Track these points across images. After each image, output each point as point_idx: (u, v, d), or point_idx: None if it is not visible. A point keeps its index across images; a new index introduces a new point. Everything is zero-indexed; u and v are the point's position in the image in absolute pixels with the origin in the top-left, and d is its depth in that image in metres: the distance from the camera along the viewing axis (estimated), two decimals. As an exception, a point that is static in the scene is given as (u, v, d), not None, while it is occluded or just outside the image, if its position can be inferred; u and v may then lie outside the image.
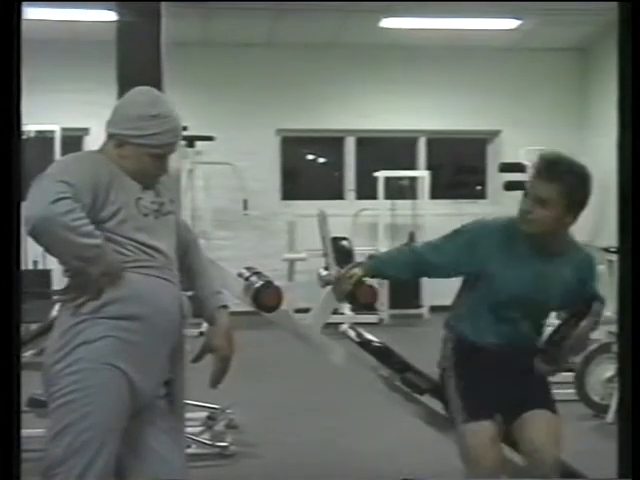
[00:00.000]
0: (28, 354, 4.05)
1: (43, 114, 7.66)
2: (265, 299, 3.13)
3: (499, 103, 9.33)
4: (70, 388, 2.28)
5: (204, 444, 4.19)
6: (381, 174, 8.95)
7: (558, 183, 2.64)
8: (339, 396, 5.15)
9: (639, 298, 2.27)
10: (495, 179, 9.40)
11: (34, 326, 4.76)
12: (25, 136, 7.17)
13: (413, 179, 9.37)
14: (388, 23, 8.34)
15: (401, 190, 9.35)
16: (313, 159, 10.52)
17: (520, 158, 8.44)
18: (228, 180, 8.84)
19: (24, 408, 3.31)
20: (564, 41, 9.16)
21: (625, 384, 2.30)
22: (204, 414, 4.41)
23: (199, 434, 4.26)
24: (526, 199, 2.72)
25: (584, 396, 4.93)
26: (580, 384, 4.92)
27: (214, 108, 8.75)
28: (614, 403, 4.53)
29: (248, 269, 3.25)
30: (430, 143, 9.72)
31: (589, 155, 9.04)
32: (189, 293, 2.61)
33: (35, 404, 3.76)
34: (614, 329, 2.58)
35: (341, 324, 3.54)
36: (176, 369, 2.54)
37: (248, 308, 3.19)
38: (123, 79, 2.89)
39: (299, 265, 8.48)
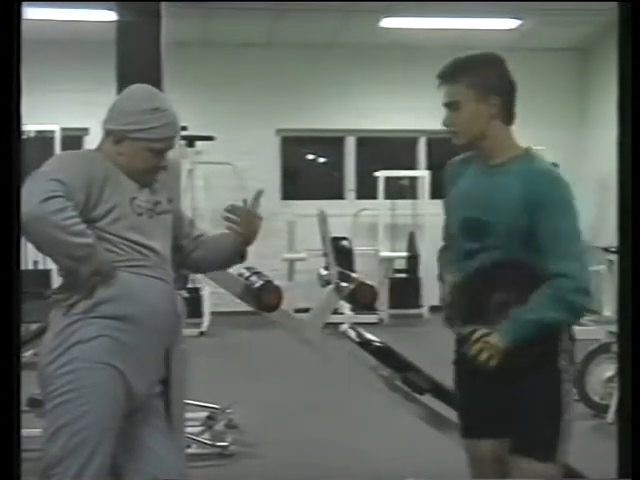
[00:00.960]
0: (28, 354, 4.05)
1: (43, 114, 7.67)
2: (265, 299, 3.13)
3: (499, 103, 9.30)
4: (65, 388, 2.28)
5: (204, 444, 4.20)
6: (381, 174, 8.95)
7: (459, 79, 2.47)
8: (339, 396, 5.15)
9: (639, 298, 2.27)
10: (495, 179, 9.39)
11: (34, 326, 4.76)
12: (25, 136, 7.16)
13: (413, 179, 9.37)
14: (388, 23, 8.34)
15: (401, 190, 9.35)
16: (313, 159, 10.52)
17: (520, 158, 8.44)
18: (228, 180, 8.84)
19: (24, 408, 3.31)
20: (564, 41, 9.15)
21: (625, 384, 2.30)
22: (204, 414, 4.41)
23: (199, 434, 4.26)
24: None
25: (584, 396, 4.93)
26: (580, 384, 4.92)
27: (214, 108, 8.75)
28: (614, 403, 4.53)
29: (248, 269, 3.25)
30: (430, 143, 9.72)
31: (589, 155, 9.14)
32: (185, 294, 2.61)
33: (35, 404, 3.76)
34: (614, 329, 2.58)
35: (341, 324, 3.55)
36: (172, 368, 2.53)
37: (248, 308, 3.19)
38: (123, 79, 2.88)
39: (299, 265, 8.48)
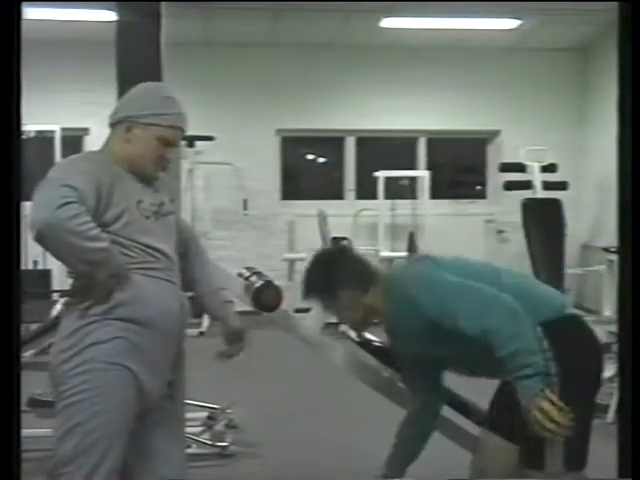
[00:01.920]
0: (28, 354, 4.05)
1: (43, 114, 7.66)
2: (265, 299, 3.13)
3: (499, 103, 9.32)
4: (80, 388, 2.29)
5: (204, 444, 4.20)
6: (381, 174, 8.94)
7: None
8: (339, 396, 5.15)
9: (639, 298, 2.27)
10: (495, 179, 9.40)
11: (34, 326, 4.76)
12: (25, 136, 7.16)
13: (413, 179, 9.37)
14: (388, 23, 8.34)
15: (401, 190, 9.35)
16: (313, 159, 10.52)
17: (520, 158, 8.45)
18: (228, 180, 8.84)
19: (24, 408, 3.31)
20: (564, 41, 9.15)
21: (625, 384, 2.30)
22: (204, 414, 4.41)
23: (199, 434, 4.26)
24: None
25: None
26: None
27: (214, 108, 8.74)
28: (614, 403, 4.53)
29: (248, 269, 3.25)
30: (430, 143, 9.72)
31: (589, 155, 9.14)
32: (189, 294, 2.63)
33: (35, 404, 3.77)
34: (614, 329, 2.58)
35: (341, 324, 3.54)
36: (177, 370, 2.55)
37: (248, 308, 3.19)
38: (123, 79, 2.89)
39: (299, 265, 8.46)
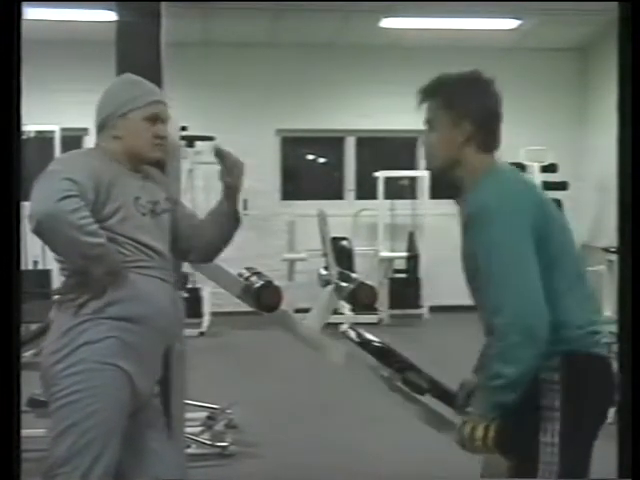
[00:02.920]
0: (28, 354, 4.05)
1: (43, 114, 7.65)
2: (265, 299, 3.13)
3: (499, 103, 9.30)
4: (73, 388, 2.28)
5: (204, 444, 4.20)
6: (381, 174, 8.94)
7: (437, 97, 2.27)
8: (339, 396, 5.15)
9: (639, 298, 2.27)
10: (495, 179, 9.39)
11: (34, 326, 4.76)
12: (25, 136, 7.16)
13: (413, 179, 9.37)
14: (388, 23, 8.34)
15: (401, 190, 9.35)
16: (313, 159, 10.51)
17: (520, 158, 8.44)
18: (228, 180, 8.83)
19: (24, 408, 3.31)
20: (564, 41, 9.15)
21: (625, 384, 2.30)
22: (204, 414, 4.41)
23: (199, 434, 4.26)
24: None
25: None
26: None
27: (214, 108, 8.74)
28: (614, 403, 4.52)
29: (248, 269, 3.25)
30: (430, 143, 9.71)
31: (589, 155, 9.14)
32: (184, 293, 2.63)
33: (35, 404, 3.76)
34: (614, 329, 2.58)
35: (341, 324, 3.54)
36: (172, 368, 2.55)
37: (248, 308, 3.19)
38: (123, 79, 2.88)
39: (299, 265, 8.48)
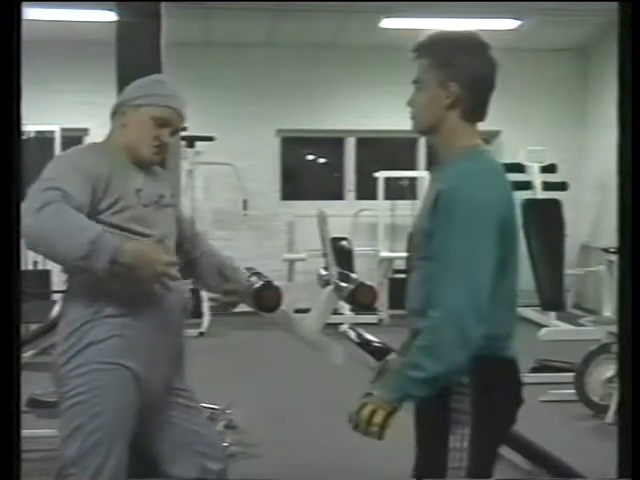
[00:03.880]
0: (28, 354, 4.05)
1: (43, 114, 7.66)
2: (265, 299, 3.13)
3: (499, 103, 9.20)
4: (79, 389, 2.30)
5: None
6: (381, 174, 8.94)
7: (427, 54, 2.10)
8: (339, 396, 5.14)
9: (639, 298, 2.27)
10: (495, 179, 9.39)
11: (34, 326, 4.77)
12: (25, 136, 7.17)
13: (413, 179, 9.36)
14: (388, 23, 8.34)
15: (401, 190, 9.35)
16: (313, 159, 10.52)
17: (520, 158, 8.44)
18: (228, 180, 8.84)
19: (24, 408, 3.31)
20: (564, 41, 9.15)
21: (625, 384, 2.30)
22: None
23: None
24: None
25: (584, 396, 4.93)
26: (580, 384, 4.92)
27: (214, 108, 8.74)
28: (614, 403, 4.53)
29: (248, 269, 3.24)
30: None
31: (589, 155, 9.14)
32: (189, 287, 2.63)
33: (35, 404, 3.76)
34: (614, 329, 2.58)
35: (341, 324, 3.54)
36: (182, 362, 2.57)
37: (248, 308, 3.19)
38: (123, 79, 2.88)
39: (299, 265, 8.48)
